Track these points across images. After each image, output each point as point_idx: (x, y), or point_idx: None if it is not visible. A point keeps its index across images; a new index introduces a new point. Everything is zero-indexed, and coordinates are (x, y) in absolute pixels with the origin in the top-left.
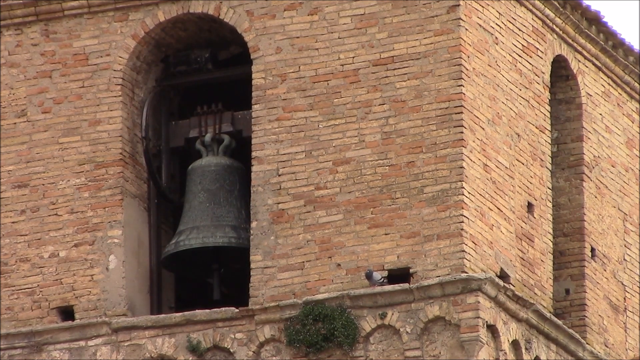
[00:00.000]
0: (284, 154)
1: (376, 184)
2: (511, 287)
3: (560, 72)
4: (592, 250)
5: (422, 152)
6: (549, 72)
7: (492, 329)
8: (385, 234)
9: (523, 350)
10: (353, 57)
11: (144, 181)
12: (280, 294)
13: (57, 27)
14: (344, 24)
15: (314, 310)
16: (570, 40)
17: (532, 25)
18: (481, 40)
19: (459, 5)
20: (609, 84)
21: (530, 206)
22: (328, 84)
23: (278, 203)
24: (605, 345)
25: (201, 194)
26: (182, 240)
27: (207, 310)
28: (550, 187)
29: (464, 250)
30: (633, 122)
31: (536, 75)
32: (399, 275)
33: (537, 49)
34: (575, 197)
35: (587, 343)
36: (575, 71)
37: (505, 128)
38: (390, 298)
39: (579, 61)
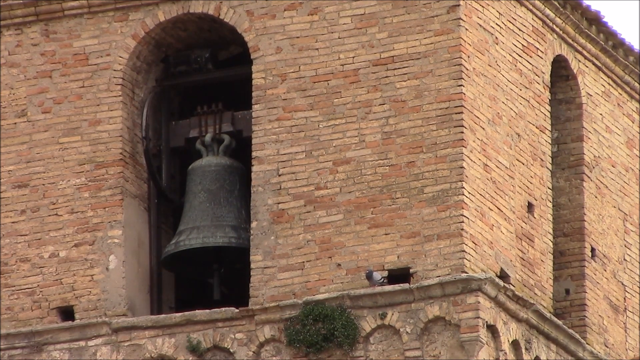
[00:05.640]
0: (284, 154)
1: (376, 184)
2: (511, 287)
3: (561, 72)
4: (592, 250)
5: (422, 152)
6: (549, 72)
7: (492, 329)
8: (386, 234)
9: (523, 351)
10: (353, 57)
11: (144, 181)
12: (281, 294)
13: (57, 27)
14: (344, 24)
15: (314, 310)
16: (570, 40)
17: (532, 25)
18: (481, 40)
19: (459, 5)
20: (609, 84)
21: (530, 206)
22: (328, 84)
23: (278, 203)
24: (605, 345)
25: (201, 194)
26: (182, 240)
27: (207, 310)
28: (551, 187)
29: (464, 250)
30: (633, 122)
31: (536, 75)
32: (399, 275)
33: (537, 49)
34: (576, 197)
35: (587, 343)
36: (575, 71)
37: (505, 128)
38: (390, 298)
39: (579, 61)
